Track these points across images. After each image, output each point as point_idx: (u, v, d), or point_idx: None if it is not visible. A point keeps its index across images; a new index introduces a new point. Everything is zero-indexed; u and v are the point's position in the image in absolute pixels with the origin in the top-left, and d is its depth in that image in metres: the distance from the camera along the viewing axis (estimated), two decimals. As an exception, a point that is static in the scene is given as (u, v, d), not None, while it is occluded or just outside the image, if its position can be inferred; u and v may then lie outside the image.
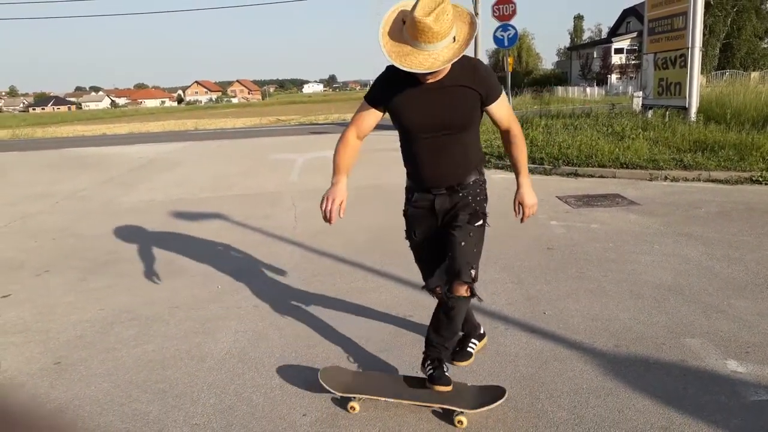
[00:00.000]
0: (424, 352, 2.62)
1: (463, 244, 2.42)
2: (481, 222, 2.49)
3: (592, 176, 8.06)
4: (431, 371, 2.53)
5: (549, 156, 8.88)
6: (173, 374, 2.97)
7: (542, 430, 2.35)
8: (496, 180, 8.24)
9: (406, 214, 2.65)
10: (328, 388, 2.58)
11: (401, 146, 2.55)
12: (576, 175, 8.19)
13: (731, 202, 6.18)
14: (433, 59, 2.13)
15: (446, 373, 2.53)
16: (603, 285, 3.94)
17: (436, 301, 2.58)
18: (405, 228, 2.69)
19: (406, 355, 3.05)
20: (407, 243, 2.71)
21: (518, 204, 2.57)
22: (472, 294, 2.44)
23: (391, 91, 2.38)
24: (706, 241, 4.80)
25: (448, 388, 2.48)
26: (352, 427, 2.44)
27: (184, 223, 6.42)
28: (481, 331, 3.08)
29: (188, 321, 3.67)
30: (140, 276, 4.62)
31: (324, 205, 2.33)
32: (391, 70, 2.30)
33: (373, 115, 2.47)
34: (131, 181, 9.87)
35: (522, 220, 2.58)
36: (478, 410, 2.43)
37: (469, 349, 2.95)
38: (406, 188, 2.64)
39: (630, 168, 8.00)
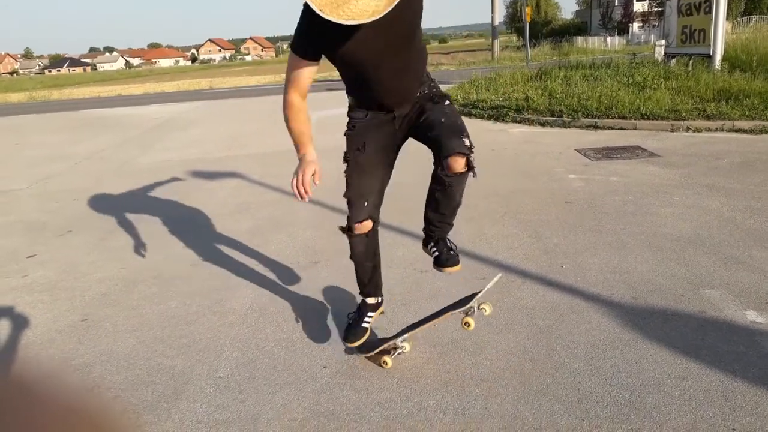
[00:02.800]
0: (425, 231, 2.51)
1: (443, 120, 2.23)
2: (448, 102, 2.34)
3: (612, 128, 7.91)
4: (437, 253, 2.42)
5: (568, 108, 8.71)
6: (196, 330, 3.04)
7: (559, 380, 2.38)
8: (513, 134, 8.14)
9: (351, 129, 2.38)
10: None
11: (348, 78, 2.28)
12: (596, 127, 8.04)
13: (755, 152, 6.04)
14: (376, 0, 1.78)
15: (452, 252, 2.41)
16: (621, 238, 3.92)
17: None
18: (348, 146, 2.38)
19: (424, 309, 3.07)
20: (345, 167, 2.42)
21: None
22: (470, 168, 2.13)
23: (321, 34, 2.02)
24: (727, 192, 4.72)
25: (457, 268, 2.37)
26: (372, 378, 2.49)
27: (202, 183, 6.47)
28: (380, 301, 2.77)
29: (209, 278, 3.73)
30: (160, 235, 4.69)
31: (293, 181, 2.08)
32: (311, 10, 1.79)
33: (309, 69, 2.16)
34: (148, 142, 9.91)
35: None
36: (481, 293, 2.44)
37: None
38: (352, 108, 2.39)
39: (651, 119, 7.83)
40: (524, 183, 5.48)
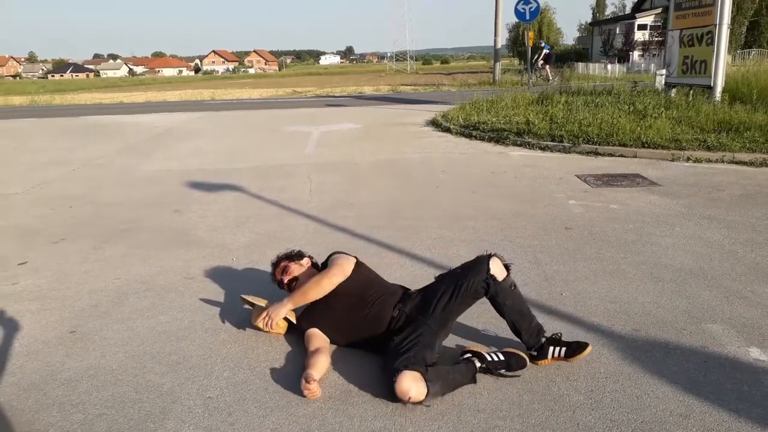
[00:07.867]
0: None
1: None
2: None
3: (612, 155, 7.90)
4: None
5: (569, 133, 8.72)
6: (187, 346, 2.97)
7: (558, 414, 2.31)
8: (513, 157, 8.13)
9: None
10: None
11: None
12: (596, 153, 8.04)
13: (755, 185, 6.03)
14: None
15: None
16: (622, 267, 3.87)
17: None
18: None
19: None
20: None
21: None
22: None
23: None
24: (729, 225, 4.69)
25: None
26: (366, 405, 2.42)
27: (200, 194, 6.41)
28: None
29: (203, 293, 3.66)
30: (155, 246, 4.62)
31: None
32: None
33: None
34: (148, 150, 9.87)
35: None
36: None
37: None
38: None
39: (651, 148, 7.83)
40: (524, 207, 5.44)
